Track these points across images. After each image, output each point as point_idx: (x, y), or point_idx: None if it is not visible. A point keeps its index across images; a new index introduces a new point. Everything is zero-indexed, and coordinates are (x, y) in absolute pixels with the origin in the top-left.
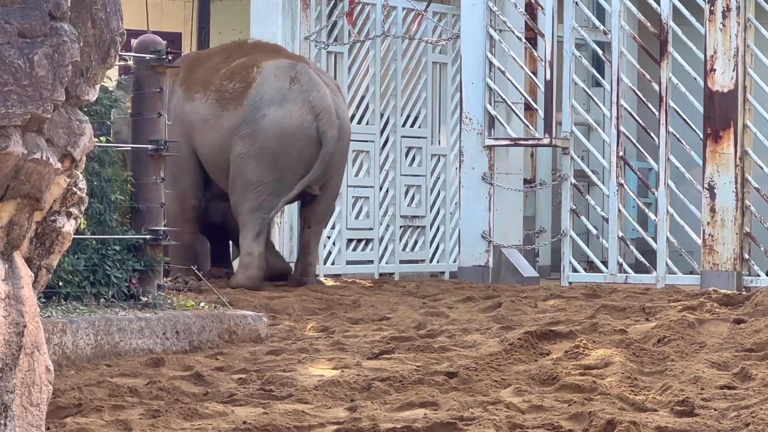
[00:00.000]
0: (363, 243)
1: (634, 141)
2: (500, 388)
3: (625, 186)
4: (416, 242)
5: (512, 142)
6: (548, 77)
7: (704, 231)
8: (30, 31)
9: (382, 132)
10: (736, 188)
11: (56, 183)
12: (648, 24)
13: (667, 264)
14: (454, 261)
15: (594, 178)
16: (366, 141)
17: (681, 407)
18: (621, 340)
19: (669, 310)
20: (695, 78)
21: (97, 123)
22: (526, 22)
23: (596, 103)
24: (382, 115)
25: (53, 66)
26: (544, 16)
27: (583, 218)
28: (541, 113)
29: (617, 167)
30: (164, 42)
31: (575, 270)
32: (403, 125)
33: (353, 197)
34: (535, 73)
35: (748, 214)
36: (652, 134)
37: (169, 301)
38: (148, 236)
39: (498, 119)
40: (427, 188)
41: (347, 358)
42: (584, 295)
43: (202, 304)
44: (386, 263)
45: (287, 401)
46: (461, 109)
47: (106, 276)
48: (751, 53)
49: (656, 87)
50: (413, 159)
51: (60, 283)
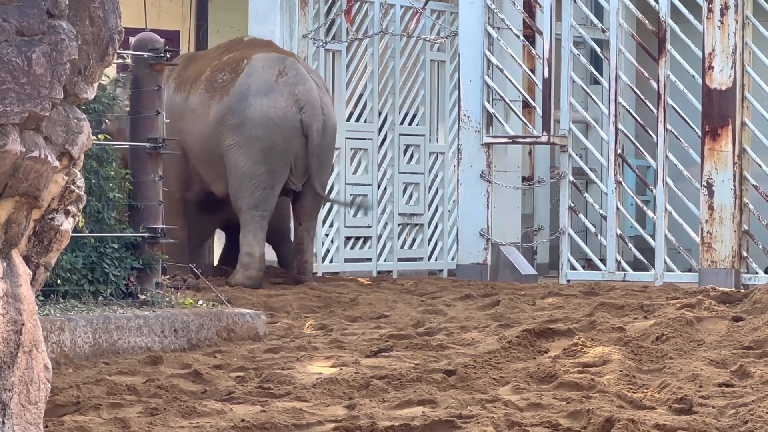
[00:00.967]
0: (361, 241)
1: (633, 139)
2: (498, 386)
3: (624, 184)
4: (414, 240)
5: (510, 140)
6: (546, 75)
7: (702, 229)
8: (28, 29)
9: (380, 130)
10: (735, 186)
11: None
12: (646, 22)
13: (666, 262)
14: (453, 259)
15: (592, 176)
16: (364, 139)
17: (679, 405)
18: (619, 338)
19: (667, 308)
20: (693, 76)
21: (95, 121)
22: (525, 20)
23: (594, 101)
24: (380, 113)
25: (51, 64)
26: (543, 14)
27: (582, 216)
28: (540, 111)
29: (615, 165)
30: (162, 40)
31: (573, 268)
32: (401, 123)
33: (351, 195)
34: (534, 71)
35: (747, 212)
36: (651, 132)
37: (168, 299)
38: (147, 234)
39: (496, 117)
40: (426, 186)
41: (345, 356)
42: (582, 293)
43: (201, 302)
44: (384, 261)
45: (285, 399)
46: (459, 107)
47: (105, 274)
48: (750, 51)
49: (654, 85)
50: (411, 157)
51: (58, 281)
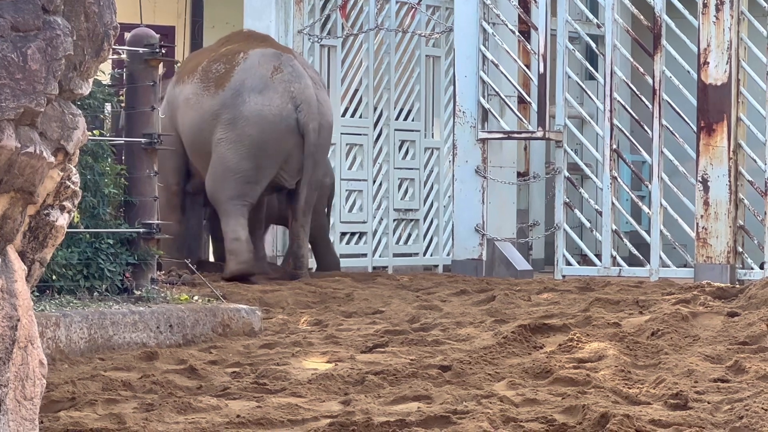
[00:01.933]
0: (356, 236)
1: (628, 134)
2: (494, 382)
3: (619, 179)
4: (410, 235)
5: (506, 136)
6: (542, 70)
7: (698, 224)
8: (23, 25)
9: (376, 125)
10: (730, 181)
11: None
12: (641, 17)
13: (661, 257)
14: (448, 254)
15: (587, 171)
16: (359, 134)
17: (674, 400)
18: (614, 334)
19: (663, 303)
20: (689, 71)
21: (91, 116)
22: (520, 16)
23: (590, 97)
24: (376, 109)
25: (46, 60)
26: (538, 9)
27: (577, 211)
28: (535, 106)
29: (611, 160)
30: (157, 36)
31: (569, 263)
32: (397, 118)
33: (347, 190)
34: (529, 67)
35: (742, 207)
36: (646, 127)
37: (163, 295)
38: (142, 230)
39: (491, 112)
40: (421, 181)
41: (341, 352)
42: (578, 289)
43: (196, 298)
44: (380, 257)
45: (281, 395)
46: (455, 103)
47: (100, 270)
48: (745, 46)
49: (650, 80)
50: (407, 152)
51: (53, 277)
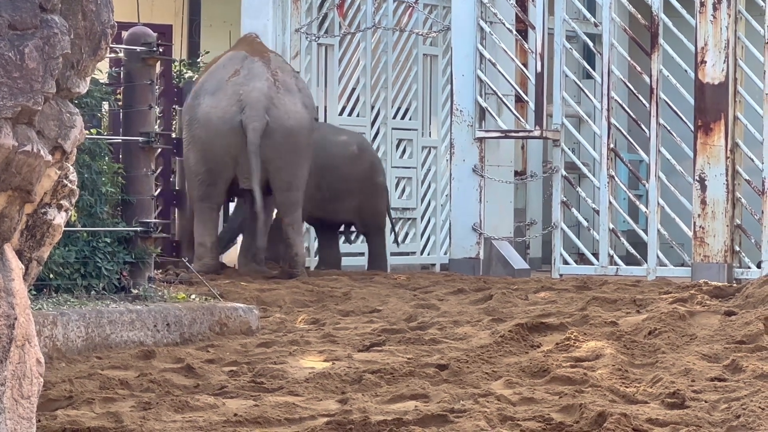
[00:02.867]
0: (354, 235)
1: (625, 133)
2: (491, 381)
3: (616, 178)
4: (407, 234)
5: (503, 134)
6: (539, 69)
7: (695, 223)
8: (20, 23)
9: (373, 124)
10: (727, 180)
11: (47, 175)
12: (639, 16)
13: (658, 256)
14: (445, 253)
15: (585, 170)
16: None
17: (672, 399)
18: (612, 332)
19: (660, 302)
20: (686, 70)
21: (88, 115)
22: (517, 14)
23: (587, 95)
24: (373, 107)
25: (44, 58)
26: (535, 8)
27: (574, 210)
28: (532, 105)
29: (608, 159)
30: (155, 34)
31: (566, 262)
32: (394, 117)
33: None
34: (526, 65)
35: (739, 206)
36: (643, 126)
37: (160, 294)
38: (139, 228)
39: (489, 111)
40: (418, 180)
41: (338, 351)
42: (575, 287)
43: (193, 297)
44: None
45: (278, 393)
46: (452, 101)
47: (97, 268)
48: (742, 45)
49: (647, 79)
50: (404, 151)
51: (51, 276)
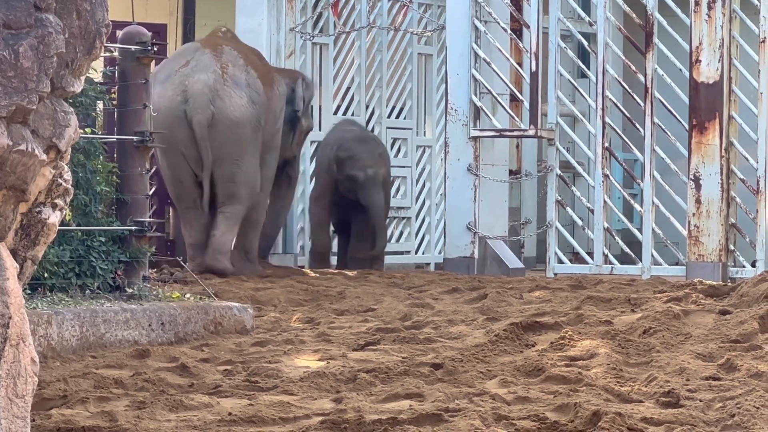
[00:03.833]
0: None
1: (620, 132)
2: (486, 380)
3: (611, 177)
4: (402, 233)
5: (498, 134)
6: (534, 68)
7: (690, 222)
8: (15, 23)
9: (368, 123)
10: (722, 179)
11: (41, 174)
12: (634, 15)
13: (653, 255)
14: (440, 252)
15: (579, 170)
16: None
17: (666, 398)
18: (606, 332)
19: (654, 302)
20: (681, 69)
21: (83, 114)
22: (512, 13)
23: (582, 95)
24: (368, 106)
25: (38, 57)
26: (530, 7)
27: (569, 209)
28: (527, 104)
29: (603, 158)
30: (149, 33)
31: (561, 261)
32: (389, 116)
33: None
34: (521, 65)
35: (734, 205)
36: (638, 125)
37: (155, 293)
38: (134, 227)
39: (483, 110)
40: (413, 179)
41: (333, 350)
42: (570, 287)
43: (188, 296)
44: None
45: (273, 393)
46: (446, 101)
47: (92, 267)
48: (737, 44)
49: (642, 78)
50: (399, 150)
51: (45, 275)
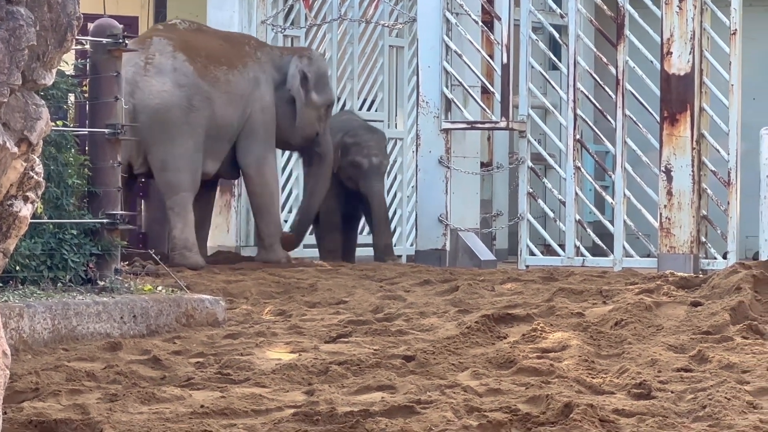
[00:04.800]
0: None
1: (591, 124)
2: (457, 372)
3: (582, 169)
4: None
5: (469, 126)
6: (505, 61)
7: (661, 214)
8: None
9: None
10: (693, 171)
11: (13, 167)
12: (605, 7)
13: (624, 247)
14: (411, 244)
15: (551, 162)
16: None
17: (638, 390)
18: (578, 323)
19: (626, 293)
20: (652, 61)
21: (54, 107)
22: (483, 6)
23: (553, 87)
24: (339, 99)
25: (9, 50)
26: (501, 0)
27: (540, 201)
28: (498, 97)
29: (574, 150)
30: (121, 26)
31: (532, 253)
32: (360, 108)
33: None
34: (492, 57)
35: (705, 197)
36: (609, 117)
37: (127, 286)
38: (105, 220)
39: (455, 103)
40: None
41: (305, 342)
42: (541, 279)
43: (160, 288)
44: None
45: (245, 385)
46: (418, 93)
47: (63, 260)
48: (708, 36)
49: (613, 70)
50: None
51: (17, 268)
